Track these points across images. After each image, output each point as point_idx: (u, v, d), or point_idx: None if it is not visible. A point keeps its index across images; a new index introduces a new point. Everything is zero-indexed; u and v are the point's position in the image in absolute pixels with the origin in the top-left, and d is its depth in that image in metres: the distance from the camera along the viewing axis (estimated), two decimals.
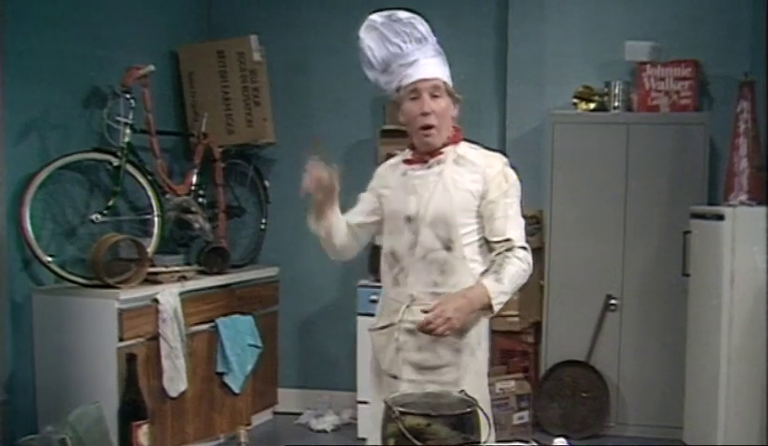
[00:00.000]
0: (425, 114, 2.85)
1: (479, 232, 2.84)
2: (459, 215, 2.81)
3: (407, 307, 2.85)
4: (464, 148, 2.93)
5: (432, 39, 2.95)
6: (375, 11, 2.99)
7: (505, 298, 2.73)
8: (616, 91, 5.32)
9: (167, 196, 4.91)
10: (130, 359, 2.80)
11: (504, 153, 3.02)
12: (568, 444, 2.52)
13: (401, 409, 2.32)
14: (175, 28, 5.60)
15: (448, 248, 2.81)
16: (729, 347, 4.40)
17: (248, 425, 5.07)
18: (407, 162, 2.96)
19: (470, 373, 2.84)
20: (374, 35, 2.96)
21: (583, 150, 5.33)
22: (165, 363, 4.47)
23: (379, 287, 5.05)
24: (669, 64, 5.23)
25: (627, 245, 5.28)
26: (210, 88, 5.40)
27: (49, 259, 4.24)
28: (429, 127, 2.86)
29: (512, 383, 5.27)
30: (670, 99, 5.24)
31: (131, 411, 2.64)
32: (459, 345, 2.81)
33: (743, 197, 4.62)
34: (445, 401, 2.49)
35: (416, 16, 2.95)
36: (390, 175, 3.01)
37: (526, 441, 2.81)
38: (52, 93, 4.47)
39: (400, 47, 2.91)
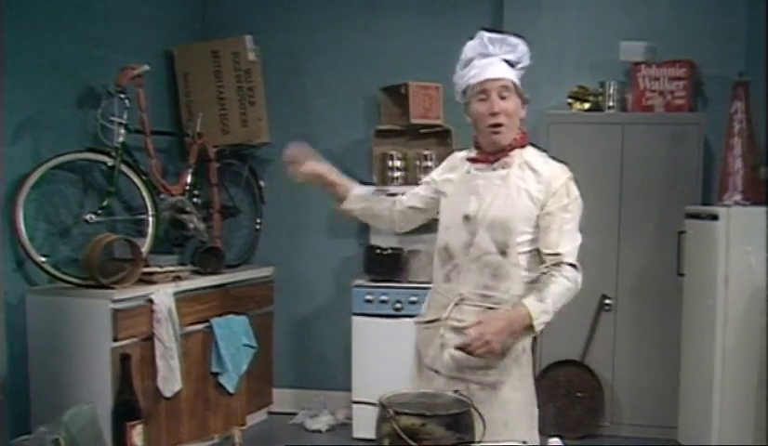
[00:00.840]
0: (494, 114, 2.80)
1: (535, 242, 2.78)
2: (519, 222, 2.77)
3: (455, 305, 2.82)
4: (531, 153, 2.89)
5: (523, 55, 2.89)
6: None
7: (547, 318, 2.67)
8: (611, 91, 5.33)
9: (162, 196, 4.89)
10: (124, 359, 2.79)
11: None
12: (563, 444, 2.52)
13: (395, 409, 2.32)
14: (170, 28, 5.60)
15: (503, 253, 2.77)
16: (723, 347, 4.41)
17: (243, 425, 5.05)
18: (472, 160, 2.92)
19: (513, 378, 2.81)
20: (476, 42, 2.90)
21: (578, 150, 5.27)
22: (160, 363, 4.46)
23: (375, 287, 5.15)
24: (664, 64, 5.23)
25: (622, 245, 5.28)
26: (205, 88, 5.39)
27: (43, 259, 4.23)
28: (498, 126, 2.81)
29: None
30: (665, 99, 5.24)
31: (125, 411, 2.62)
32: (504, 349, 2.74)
33: (737, 197, 4.63)
34: (440, 401, 2.49)
35: (523, 41, 2.92)
36: (456, 168, 2.97)
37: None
38: (46, 93, 4.46)
39: (487, 48, 2.86)
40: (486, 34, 2.87)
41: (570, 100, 5.45)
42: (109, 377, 4.17)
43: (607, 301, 5.29)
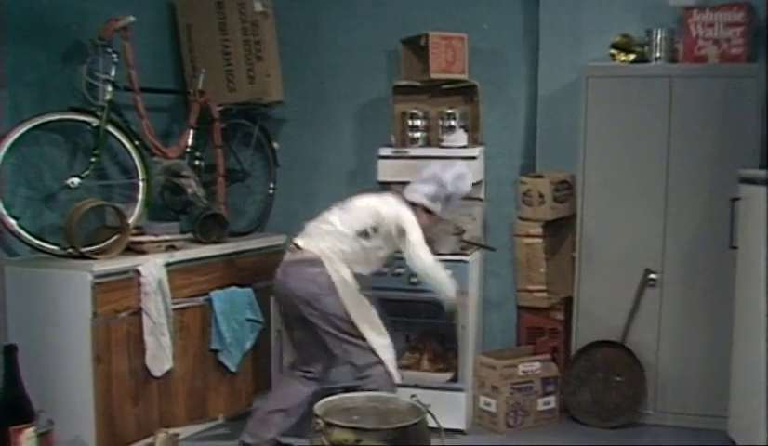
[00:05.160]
0: None
1: None
2: None
3: None
4: None
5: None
6: None
7: None
8: (659, 40, 4.75)
9: (156, 159, 4.54)
10: (9, 350, 2.38)
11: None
12: None
13: (329, 420, 1.89)
14: None
15: None
16: None
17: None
18: None
19: None
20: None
21: (620, 107, 4.80)
22: (149, 340, 4.16)
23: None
24: (719, 8, 4.65)
25: (669, 214, 4.76)
26: (209, 42, 4.99)
27: (12, 222, 3.92)
28: None
29: (537, 364, 4.81)
30: (720, 48, 4.66)
31: (11, 413, 2.24)
32: None
33: None
34: (393, 407, 2.07)
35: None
36: None
37: None
38: (29, 47, 4.15)
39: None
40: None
41: (613, 51, 4.88)
42: (88, 355, 3.90)
43: (652, 276, 4.78)
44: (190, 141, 4.80)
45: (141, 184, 4.41)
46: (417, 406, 1.99)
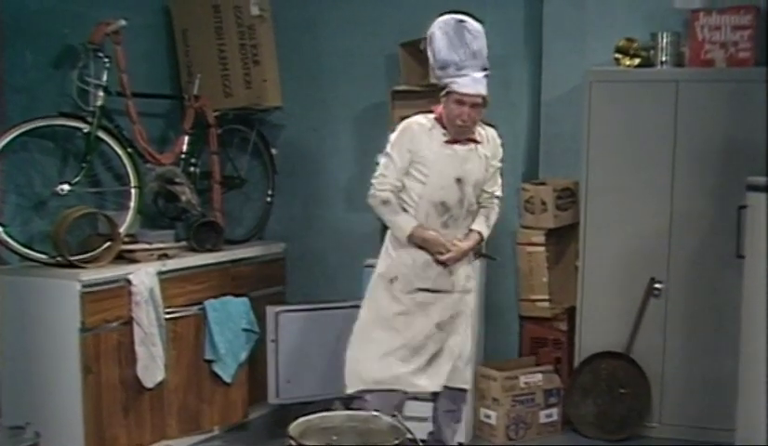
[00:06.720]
0: (464, 121, 3.64)
1: None
2: (484, 179, 3.83)
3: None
4: (479, 128, 3.79)
5: (485, 53, 3.64)
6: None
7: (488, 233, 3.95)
8: (664, 43, 4.67)
9: (149, 165, 4.46)
10: None
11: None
12: None
13: (301, 442, 1.80)
14: None
15: (478, 202, 3.85)
16: None
17: (245, 417, 4.52)
18: (450, 142, 3.70)
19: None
20: (444, 39, 3.59)
21: (625, 112, 4.72)
22: (140, 351, 4.08)
23: None
24: (726, 11, 4.56)
25: (674, 222, 4.67)
26: (205, 46, 4.89)
27: None
28: (464, 128, 3.67)
29: (539, 376, 4.71)
30: (727, 52, 4.57)
31: None
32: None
33: None
34: (374, 427, 1.97)
35: (480, 29, 3.62)
36: (427, 139, 3.69)
37: None
38: (19, 52, 4.09)
39: (459, 57, 3.57)
40: (451, 26, 3.58)
41: (617, 55, 4.79)
42: (77, 367, 3.83)
43: (657, 285, 4.69)
44: (185, 147, 4.71)
45: (133, 191, 4.33)
46: (398, 426, 1.88)
